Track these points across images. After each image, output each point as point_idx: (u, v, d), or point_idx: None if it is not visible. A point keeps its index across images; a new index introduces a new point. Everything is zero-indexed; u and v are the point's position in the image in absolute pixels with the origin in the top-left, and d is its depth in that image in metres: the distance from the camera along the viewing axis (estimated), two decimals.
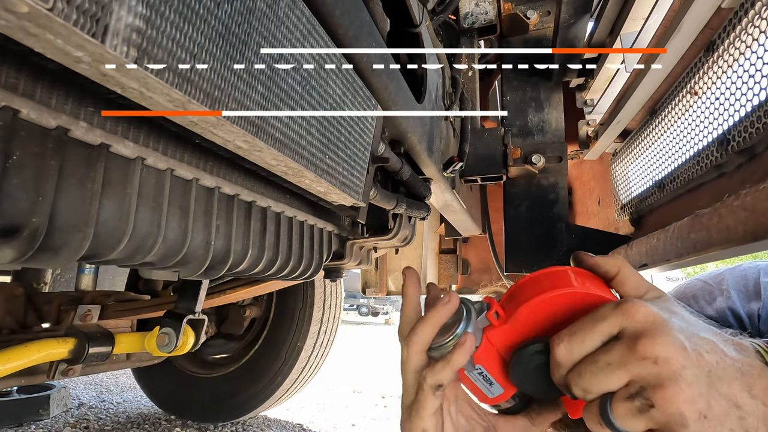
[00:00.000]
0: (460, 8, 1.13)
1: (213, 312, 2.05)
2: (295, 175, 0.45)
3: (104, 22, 0.22)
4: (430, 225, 1.94)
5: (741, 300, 0.89)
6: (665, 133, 0.90)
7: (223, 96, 0.30)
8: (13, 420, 2.09)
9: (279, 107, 0.36)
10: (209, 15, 0.28)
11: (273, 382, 2.03)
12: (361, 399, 3.16)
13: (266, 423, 2.36)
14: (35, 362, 0.92)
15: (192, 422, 2.21)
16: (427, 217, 0.88)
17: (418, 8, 0.67)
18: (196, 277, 0.51)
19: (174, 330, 0.96)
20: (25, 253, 0.31)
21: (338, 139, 0.47)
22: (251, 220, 0.57)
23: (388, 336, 8.69)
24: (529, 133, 1.14)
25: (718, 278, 0.95)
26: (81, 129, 0.32)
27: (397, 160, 0.67)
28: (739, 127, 0.62)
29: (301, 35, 0.38)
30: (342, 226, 0.82)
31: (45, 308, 1.23)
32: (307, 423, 2.45)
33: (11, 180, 0.29)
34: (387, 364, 4.84)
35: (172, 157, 0.41)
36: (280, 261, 0.64)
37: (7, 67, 0.27)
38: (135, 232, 0.39)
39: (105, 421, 2.21)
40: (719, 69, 0.69)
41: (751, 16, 0.59)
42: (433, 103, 0.79)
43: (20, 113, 0.29)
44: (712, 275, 0.98)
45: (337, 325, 2.23)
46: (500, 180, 1.11)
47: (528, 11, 1.13)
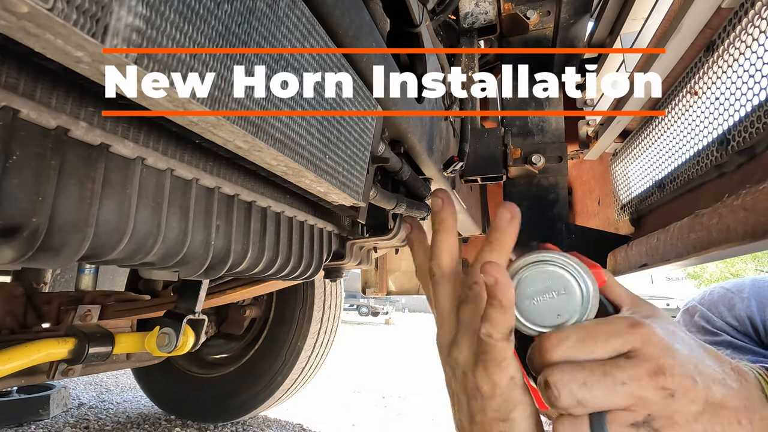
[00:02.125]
0: (460, 8, 1.13)
1: (213, 312, 2.05)
2: (295, 175, 0.45)
3: (104, 22, 0.22)
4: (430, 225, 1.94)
5: (760, 310, 0.90)
6: (665, 133, 0.90)
7: (223, 96, 0.30)
8: (13, 420, 2.09)
9: (279, 107, 0.36)
10: (209, 15, 0.28)
11: (273, 382, 2.03)
12: (361, 399, 3.16)
13: (266, 423, 2.36)
14: (35, 362, 0.92)
15: (192, 422, 2.21)
16: (427, 217, 0.88)
17: (418, 8, 0.67)
18: (196, 277, 0.51)
19: (174, 330, 0.96)
20: (25, 253, 0.31)
21: (338, 139, 0.47)
22: (251, 220, 0.57)
23: (388, 336, 8.69)
24: (529, 133, 1.14)
25: (741, 287, 0.96)
26: (81, 129, 0.32)
27: (397, 160, 0.67)
28: (739, 127, 0.62)
29: (301, 35, 0.38)
30: (342, 226, 0.82)
31: (45, 308, 1.23)
32: (307, 423, 2.45)
33: (11, 180, 0.29)
34: (387, 364, 4.84)
35: (172, 157, 0.41)
36: (280, 261, 0.64)
37: (7, 67, 0.27)
38: (135, 232, 0.39)
39: (105, 421, 2.21)
40: (719, 69, 0.69)
41: (751, 16, 0.59)
42: (433, 103, 0.79)
43: (20, 113, 0.29)
44: (736, 283, 0.99)
45: (337, 325, 2.23)
46: (500, 180, 1.11)
47: (528, 11, 1.13)
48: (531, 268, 0.37)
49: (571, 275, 0.36)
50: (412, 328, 11.18)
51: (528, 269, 0.37)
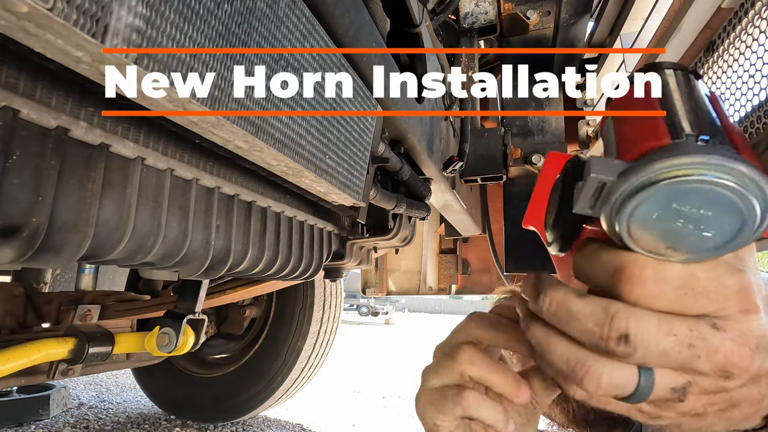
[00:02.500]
0: (460, 8, 1.13)
1: (213, 312, 2.05)
2: (295, 175, 0.45)
3: (104, 22, 0.22)
4: (430, 225, 1.94)
5: None
6: None
7: (223, 96, 0.30)
8: (13, 420, 2.09)
9: (279, 107, 0.36)
10: (209, 15, 0.28)
11: (273, 382, 2.03)
12: (361, 399, 3.16)
13: (266, 423, 2.36)
14: (35, 362, 0.92)
15: (192, 422, 2.21)
16: (427, 217, 0.88)
17: (418, 8, 0.67)
18: (196, 277, 0.51)
19: (174, 330, 0.96)
20: (25, 253, 0.31)
21: (338, 139, 0.47)
22: (251, 220, 0.57)
23: (388, 336, 8.69)
24: (529, 133, 1.14)
25: None
26: (81, 129, 0.32)
27: (397, 160, 0.67)
28: (739, 127, 0.62)
29: (301, 35, 0.38)
30: (342, 226, 0.82)
31: (45, 308, 1.23)
32: (307, 423, 2.45)
33: (11, 180, 0.29)
34: (387, 364, 4.84)
35: (172, 157, 0.41)
36: (280, 261, 0.64)
37: (8, 67, 0.27)
38: (135, 232, 0.39)
39: (105, 421, 2.21)
40: (719, 69, 0.69)
41: (751, 16, 0.59)
42: (433, 103, 0.79)
43: (20, 113, 0.29)
44: None
45: (337, 325, 2.23)
46: (500, 180, 1.11)
47: (528, 11, 1.13)
48: (688, 181, 0.22)
49: (746, 205, 0.22)
50: (412, 328, 11.18)
51: (685, 182, 0.22)
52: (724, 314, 0.26)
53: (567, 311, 0.27)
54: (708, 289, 0.25)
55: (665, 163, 0.22)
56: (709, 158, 0.22)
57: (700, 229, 0.24)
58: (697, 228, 0.24)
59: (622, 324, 0.25)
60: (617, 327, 0.25)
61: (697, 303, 0.25)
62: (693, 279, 0.25)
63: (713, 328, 0.26)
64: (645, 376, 0.26)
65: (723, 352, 0.25)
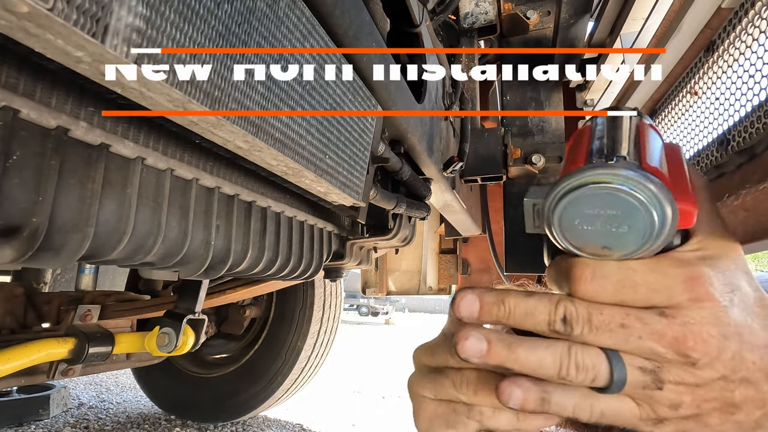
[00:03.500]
0: (460, 8, 1.13)
1: (213, 312, 2.05)
2: (295, 175, 0.45)
3: (104, 22, 0.22)
4: (430, 225, 1.94)
5: None
6: (665, 133, 0.90)
7: (223, 96, 0.30)
8: (13, 420, 2.09)
9: (279, 107, 0.36)
10: (209, 15, 0.28)
11: (273, 382, 2.03)
12: (361, 399, 3.16)
13: (266, 423, 2.36)
14: (35, 362, 0.92)
15: (192, 422, 2.21)
16: (427, 217, 0.88)
17: (418, 8, 0.67)
18: (196, 277, 0.51)
19: (174, 330, 0.96)
20: (25, 253, 0.31)
21: (338, 139, 0.47)
22: (251, 220, 0.57)
23: (388, 336, 8.68)
24: (529, 133, 1.14)
25: None
26: (81, 129, 0.33)
27: (397, 160, 0.67)
28: (739, 128, 0.62)
29: (301, 35, 0.38)
30: (342, 226, 0.82)
31: (45, 308, 1.23)
32: (307, 423, 2.45)
33: (11, 180, 0.29)
34: (387, 364, 4.84)
35: (172, 157, 0.41)
36: (280, 261, 0.64)
37: (8, 67, 0.27)
38: (135, 232, 0.39)
39: (105, 421, 2.21)
40: (719, 69, 0.69)
41: (751, 16, 0.59)
42: (433, 103, 0.79)
43: (20, 113, 0.29)
44: None
45: (337, 325, 2.23)
46: (500, 180, 1.11)
47: (528, 11, 1.13)
48: (592, 188, 0.29)
49: (642, 205, 0.28)
50: (412, 328, 11.18)
51: (588, 189, 0.29)
52: (671, 303, 0.29)
53: (524, 310, 0.31)
54: (647, 281, 0.29)
55: (570, 178, 0.29)
56: (602, 170, 0.28)
57: (617, 227, 0.29)
58: (614, 226, 0.29)
59: (561, 310, 0.30)
60: (560, 312, 0.30)
61: (639, 294, 0.29)
62: (631, 273, 0.29)
63: (660, 315, 0.29)
64: (614, 360, 0.29)
65: (672, 336, 0.28)
